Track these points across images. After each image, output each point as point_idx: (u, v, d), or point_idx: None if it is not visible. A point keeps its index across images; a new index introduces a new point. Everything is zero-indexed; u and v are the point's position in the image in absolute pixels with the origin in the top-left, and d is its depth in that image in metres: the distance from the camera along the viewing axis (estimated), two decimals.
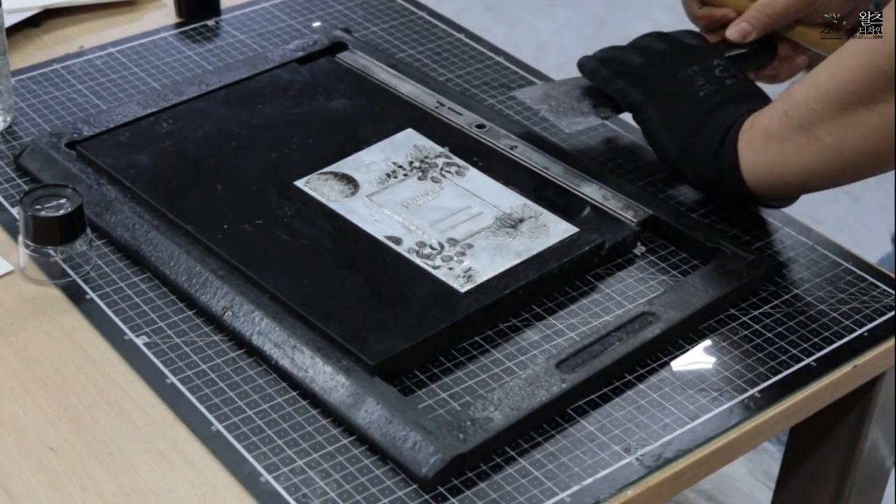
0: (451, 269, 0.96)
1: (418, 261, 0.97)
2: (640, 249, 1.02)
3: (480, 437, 0.83)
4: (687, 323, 0.94)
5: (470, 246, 0.98)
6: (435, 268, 0.96)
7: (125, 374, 0.90)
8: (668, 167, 1.07)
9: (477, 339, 0.93)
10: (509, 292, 0.94)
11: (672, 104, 1.03)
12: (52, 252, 0.97)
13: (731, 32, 1.09)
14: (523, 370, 0.90)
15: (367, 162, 1.07)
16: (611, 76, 1.07)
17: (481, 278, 0.95)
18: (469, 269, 0.96)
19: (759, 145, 0.97)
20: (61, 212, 0.96)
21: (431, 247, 0.98)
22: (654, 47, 1.08)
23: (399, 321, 0.91)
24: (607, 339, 0.91)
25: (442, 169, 1.06)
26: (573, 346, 0.91)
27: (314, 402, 0.88)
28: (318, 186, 1.04)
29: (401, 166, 1.06)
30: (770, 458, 1.61)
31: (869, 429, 1.02)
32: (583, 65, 1.11)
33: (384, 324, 0.91)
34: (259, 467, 0.83)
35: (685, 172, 1.04)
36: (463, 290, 0.94)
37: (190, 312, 0.95)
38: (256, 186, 1.04)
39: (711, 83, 1.03)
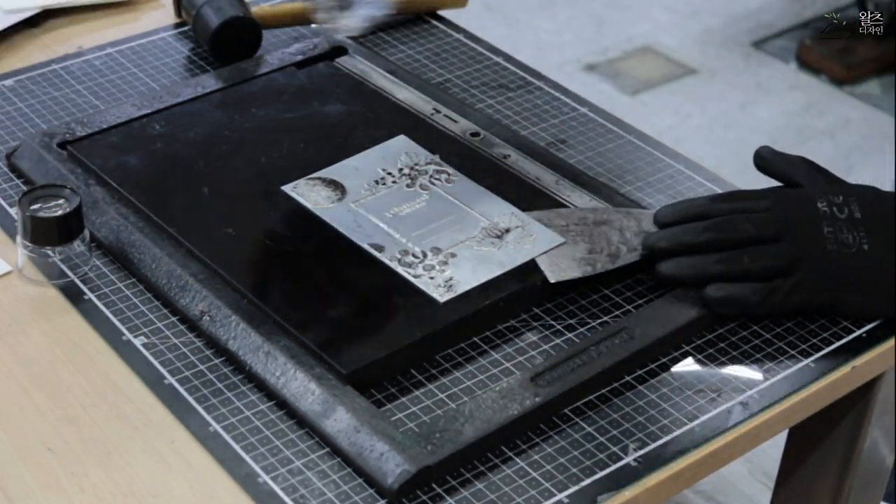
0: (432, 278, 0.95)
1: (399, 269, 0.95)
2: None
3: (449, 449, 0.82)
4: (667, 340, 0.92)
5: (453, 255, 0.97)
6: (416, 277, 0.95)
7: (123, 375, 0.90)
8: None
9: (455, 349, 0.92)
10: (489, 303, 0.93)
11: (855, 277, 0.94)
12: (50, 252, 0.97)
13: None
14: (499, 383, 0.88)
15: (357, 168, 1.06)
16: (783, 297, 0.93)
17: (462, 288, 0.94)
18: (450, 278, 0.95)
19: None
20: (59, 212, 0.96)
21: (414, 255, 0.97)
22: (765, 234, 0.94)
23: (375, 330, 0.90)
24: (585, 353, 0.90)
25: (431, 176, 1.05)
26: (549, 359, 0.89)
27: (288, 410, 0.87)
28: (305, 192, 1.03)
29: (390, 173, 1.05)
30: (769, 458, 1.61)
31: (868, 429, 1.02)
32: (722, 299, 0.93)
33: (359, 332, 0.90)
34: (257, 468, 0.83)
35: None
36: (442, 299, 0.93)
37: (175, 319, 0.94)
38: (243, 190, 1.04)
39: (852, 227, 0.94)
